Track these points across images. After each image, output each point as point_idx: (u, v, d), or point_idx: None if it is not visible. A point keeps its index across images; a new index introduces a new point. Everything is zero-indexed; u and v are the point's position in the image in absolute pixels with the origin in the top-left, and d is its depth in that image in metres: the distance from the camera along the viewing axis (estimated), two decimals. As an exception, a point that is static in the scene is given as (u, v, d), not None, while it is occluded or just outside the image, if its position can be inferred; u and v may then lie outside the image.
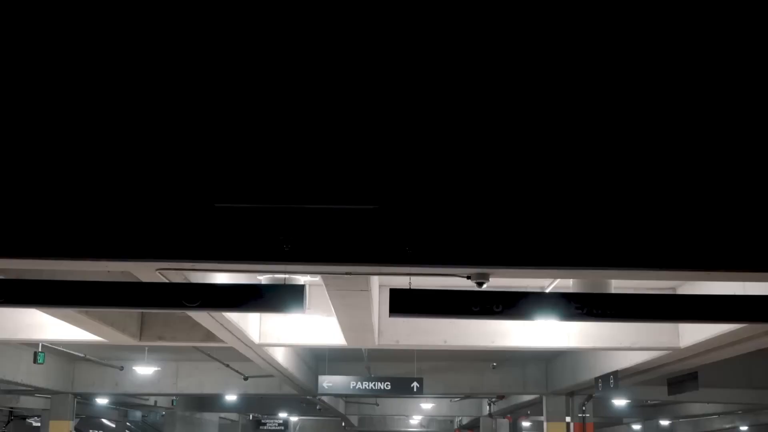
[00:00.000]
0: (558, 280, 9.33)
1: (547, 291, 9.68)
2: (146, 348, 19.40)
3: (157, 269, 7.56)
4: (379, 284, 11.92)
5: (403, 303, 7.36)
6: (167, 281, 7.73)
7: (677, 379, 16.63)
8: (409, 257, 7.08)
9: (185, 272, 7.74)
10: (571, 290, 8.53)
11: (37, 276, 7.94)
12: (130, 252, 7.14)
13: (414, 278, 7.68)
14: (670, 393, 17.29)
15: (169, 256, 7.17)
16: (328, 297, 10.21)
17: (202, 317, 10.47)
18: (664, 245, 6.95)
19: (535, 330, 12.79)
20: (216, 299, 7.28)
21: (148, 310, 8.45)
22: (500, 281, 7.91)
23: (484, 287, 7.58)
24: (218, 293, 7.35)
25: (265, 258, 7.12)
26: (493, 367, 22.14)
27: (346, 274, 7.75)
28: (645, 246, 6.96)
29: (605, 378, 16.26)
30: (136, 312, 12.31)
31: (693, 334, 12.11)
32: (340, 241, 7.09)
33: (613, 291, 8.61)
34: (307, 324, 12.65)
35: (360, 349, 17.99)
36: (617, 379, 15.63)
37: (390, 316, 7.50)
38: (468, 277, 7.59)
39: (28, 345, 16.79)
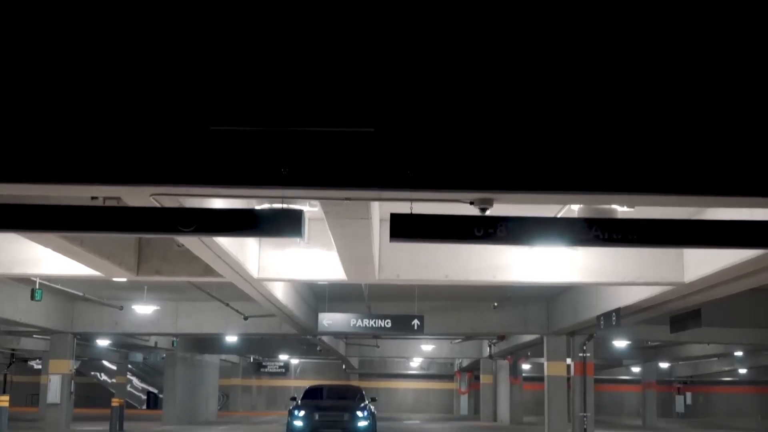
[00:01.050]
0: (565, 209, 9.11)
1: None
2: (145, 287, 19.35)
3: (151, 194, 7.35)
4: (380, 218, 11.74)
5: (404, 227, 7.14)
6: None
7: (680, 317, 16.53)
8: (410, 181, 6.89)
9: (180, 198, 7.53)
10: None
11: (29, 202, 7.74)
12: (124, 176, 6.95)
13: (416, 208, 7.48)
14: (672, 331, 17.21)
15: (163, 181, 6.98)
16: (327, 231, 10.04)
17: (200, 249, 10.30)
18: (675, 170, 6.75)
19: (537, 264, 12.63)
20: (212, 224, 7.06)
21: (143, 235, 8.24)
22: (504, 210, 7.70)
23: (488, 213, 7.38)
24: (214, 217, 7.14)
25: (262, 182, 6.94)
26: (494, 307, 22.08)
27: (346, 199, 7.54)
28: (656, 171, 6.77)
29: (607, 316, 16.16)
30: (132, 245, 12.15)
31: (698, 268, 11.95)
32: (340, 165, 6.91)
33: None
34: (306, 258, 12.49)
35: (360, 288, 17.92)
36: (619, 317, 15.52)
37: (391, 241, 7.31)
38: (471, 203, 7.38)
39: (26, 284, 16.67)
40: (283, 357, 42.12)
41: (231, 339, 30.71)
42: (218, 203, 8.14)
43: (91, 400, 43.66)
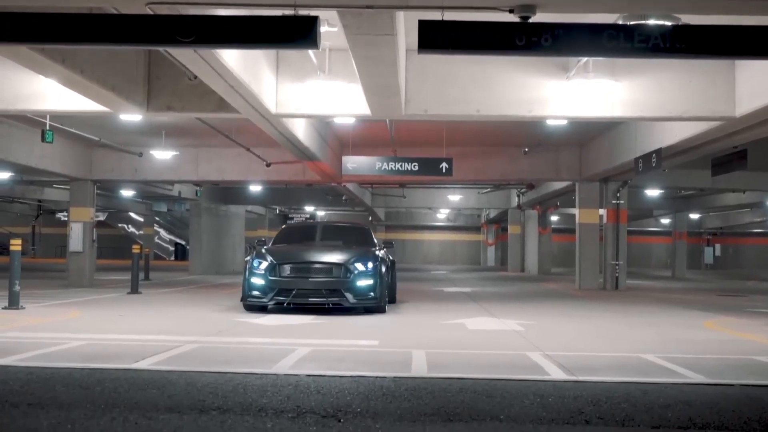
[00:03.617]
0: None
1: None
2: (163, 132, 18.67)
3: (146, 3, 6.49)
4: (406, 48, 10.81)
5: (435, 37, 6.23)
6: (159, 17, 6.66)
7: (724, 158, 15.61)
8: (441, -17, 5.98)
9: (178, 8, 6.65)
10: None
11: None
12: (115, -19, 6.13)
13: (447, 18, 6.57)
14: (714, 174, 16.32)
15: (159, -14, 6.14)
16: (350, 62, 9.15)
17: (213, 79, 9.48)
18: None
19: (575, 98, 11.69)
20: (214, 33, 6.19)
21: (137, 47, 7.35)
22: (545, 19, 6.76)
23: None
24: (216, 26, 6.26)
25: (271, -14, 6.07)
26: (525, 153, 21.24)
27: (367, 7, 6.63)
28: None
29: (646, 157, 15.27)
30: (141, 78, 11.32)
31: (751, 100, 11.00)
32: (360, -34, 6.00)
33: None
34: (327, 92, 11.62)
35: (385, 132, 17.13)
36: (660, 158, 14.62)
37: (419, 53, 6.44)
38: (510, 11, 6.46)
39: (39, 127, 15.99)
40: (309, 208, 41.84)
41: (255, 188, 30.24)
42: (221, 14, 7.23)
43: (120, 251, 43.99)
